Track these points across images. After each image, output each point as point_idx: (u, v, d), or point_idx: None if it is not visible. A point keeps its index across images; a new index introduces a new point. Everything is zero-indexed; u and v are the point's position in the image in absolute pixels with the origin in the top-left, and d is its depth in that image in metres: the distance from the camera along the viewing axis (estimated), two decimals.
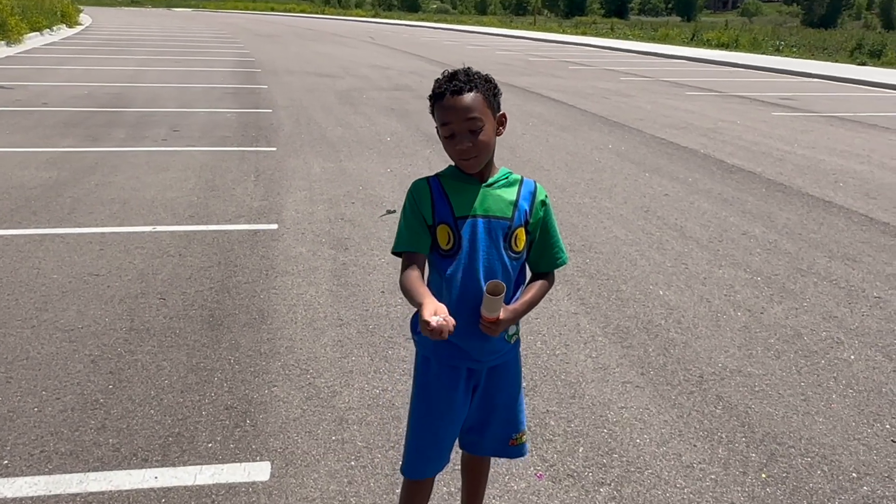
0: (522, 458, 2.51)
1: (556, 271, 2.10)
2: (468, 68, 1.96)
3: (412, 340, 2.17)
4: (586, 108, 12.49)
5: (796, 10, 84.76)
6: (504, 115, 1.99)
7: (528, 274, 2.12)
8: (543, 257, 2.07)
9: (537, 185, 2.07)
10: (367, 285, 4.53)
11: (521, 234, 2.00)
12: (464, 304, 1.96)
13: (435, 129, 1.99)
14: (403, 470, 2.18)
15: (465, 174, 1.98)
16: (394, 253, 2.02)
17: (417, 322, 2.09)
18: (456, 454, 2.31)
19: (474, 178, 1.98)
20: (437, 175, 2.02)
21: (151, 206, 5.96)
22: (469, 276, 1.95)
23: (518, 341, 2.13)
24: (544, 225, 2.05)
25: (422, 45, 29.02)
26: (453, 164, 2.01)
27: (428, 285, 1.97)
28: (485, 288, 1.85)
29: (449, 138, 1.90)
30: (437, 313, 1.72)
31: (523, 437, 2.21)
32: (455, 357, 2.03)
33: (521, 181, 2.04)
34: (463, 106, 1.87)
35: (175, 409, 3.12)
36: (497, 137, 1.98)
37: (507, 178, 2.02)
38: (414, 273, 1.92)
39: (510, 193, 2.00)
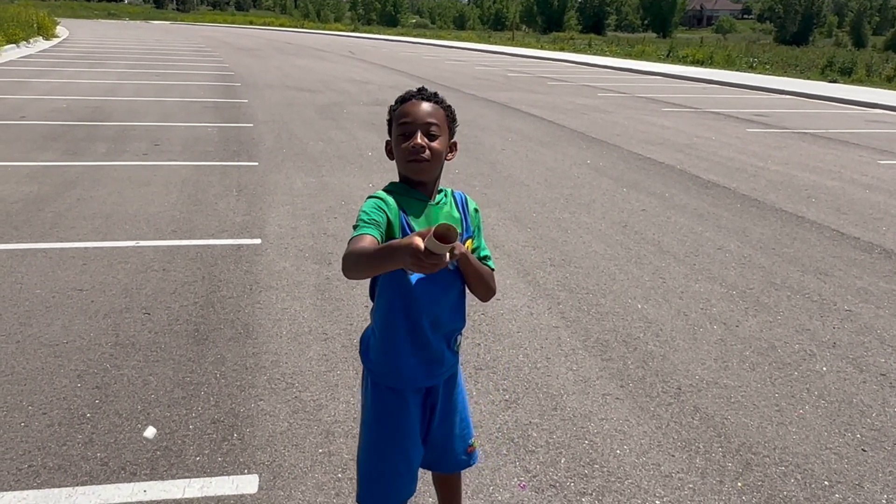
0: (475, 466, 2.51)
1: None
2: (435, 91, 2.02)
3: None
4: (565, 124, 12.66)
5: (769, 28, 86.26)
6: (455, 143, 2.02)
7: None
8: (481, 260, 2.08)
9: (465, 195, 2.11)
10: (350, 300, 4.58)
11: (469, 244, 2.04)
12: (417, 318, 1.99)
13: (385, 145, 2.03)
14: (363, 500, 2.14)
15: (413, 189, 1.97)
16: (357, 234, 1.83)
17: (368, 347, 2.08)
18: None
19: (423, 194, 1.98)
20: (386, 192, 1.96)
21: (134, 221, 5.97)
22: (425, 291, 1.96)
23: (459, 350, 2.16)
24: (478, 231, 2.09)
25: (401, 59, 29.19)
26: (397, 180, 2.01)
27: (378, 301, 2.04)
28: (434, 229, 1.51)
29: (403, 137, 1.91)
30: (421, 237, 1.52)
31: (475, 444, 2.27)
32: (417, 379, 2.05)
33: (453, 194, 2.07)
34: (426, 110, 1.92)
35: (162, 423, 3.15)
36: (445, 161, 2.00)
37: (445, 194, 2.06)
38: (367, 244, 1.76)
39: (455, 210, 2.04)
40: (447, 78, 21.04)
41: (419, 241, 1.49)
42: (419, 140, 1.88)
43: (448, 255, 1.50)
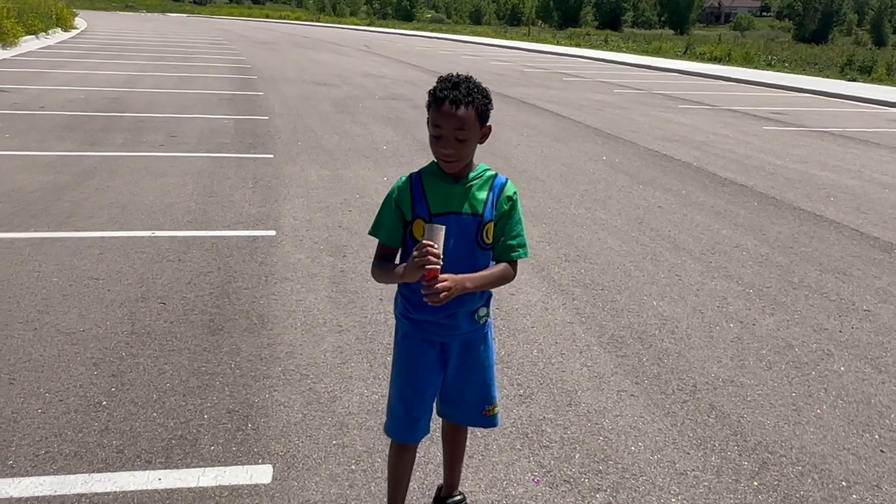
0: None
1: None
2: (470, 78, 2.11)
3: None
4: (580, 120, 12.60)
5: (788, 25, 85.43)
6: (489, 128, 2.17)
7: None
8: (503, 248, 2.23)
9: (508, 181, 2.26)
10: (365, 292, 4.58)
11: (491, 227, 2.22)
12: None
13: (426, 123, 2.17)
14: (387, 430, 2.41)
15: (444, 172, 2.18)
16: (371, 234, 2.27)
17: (400, 302, 2.32)
18: (436, 425, 2.51)
19: (451, 176, 2.18)
20: (419, 171, 2.23)
21: (150, 211, 6.00)
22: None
23: (487, 322, 2.33)
24: (508, 219, 2.22)
25: (416, 54, 29.16)
26: (435, 160, 2.19)
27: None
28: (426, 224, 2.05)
29: (436, 139, 2.11)
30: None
31: (495, 409, 2.42)
32: (429, 332, 2.26)
33: (494, 178, 2.23)
34: (456, 118, 2.07)
35: (177, 412, 3.16)
36: (479, 144, 2.17)
37: (482, 175, 2.21)
38: (389, 264, 2.21)
39: (482, 192, 2.20)
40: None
41: (415, 252, 2.01)
42: (448, 150, 2.10)
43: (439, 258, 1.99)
